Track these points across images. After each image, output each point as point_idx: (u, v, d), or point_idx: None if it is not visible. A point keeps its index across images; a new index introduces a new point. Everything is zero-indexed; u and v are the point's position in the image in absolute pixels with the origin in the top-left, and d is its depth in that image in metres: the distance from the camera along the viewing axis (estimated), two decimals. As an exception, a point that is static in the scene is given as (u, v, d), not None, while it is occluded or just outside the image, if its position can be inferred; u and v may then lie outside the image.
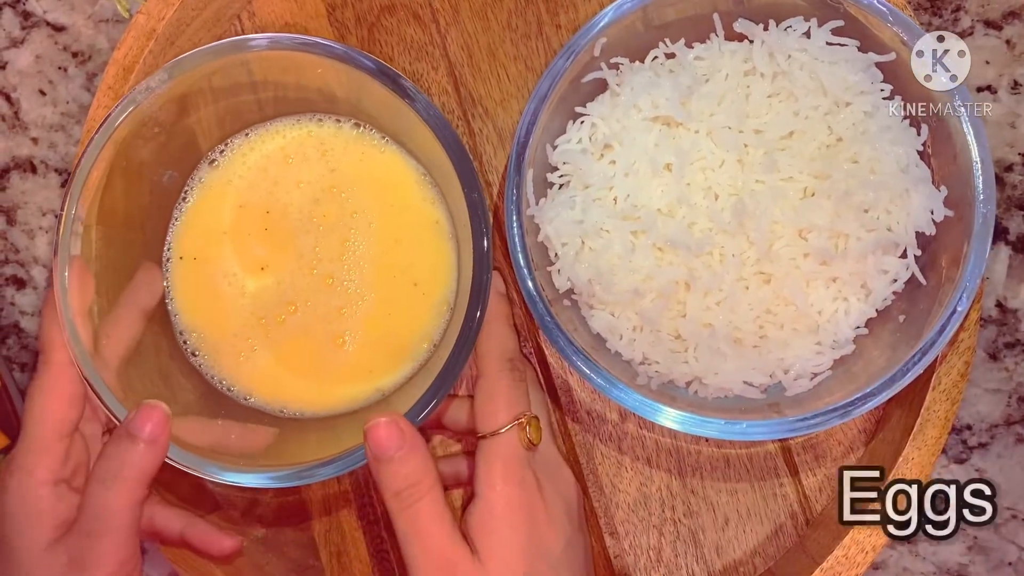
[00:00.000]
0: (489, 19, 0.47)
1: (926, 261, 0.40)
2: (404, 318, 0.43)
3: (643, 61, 0.42)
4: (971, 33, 0.47)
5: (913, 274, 0.40)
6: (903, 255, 0.40)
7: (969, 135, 0.38)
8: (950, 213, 0.39)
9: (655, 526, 0.45)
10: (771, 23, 0.41)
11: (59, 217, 0.39)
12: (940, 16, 0.48)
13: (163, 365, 0.42)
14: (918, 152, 0.40)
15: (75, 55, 0.50)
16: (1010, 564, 0.48)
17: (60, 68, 0.50)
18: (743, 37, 0.41)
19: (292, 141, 0.44)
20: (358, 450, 0.38)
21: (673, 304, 0.40)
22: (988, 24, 0.47)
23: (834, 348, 0.41)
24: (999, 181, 0.47)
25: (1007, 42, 0.47)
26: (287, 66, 0.42)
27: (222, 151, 0.44)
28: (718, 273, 0.40)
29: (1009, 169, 0.48)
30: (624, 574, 0.45)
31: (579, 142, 0.42)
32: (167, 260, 0.44)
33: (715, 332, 0.40)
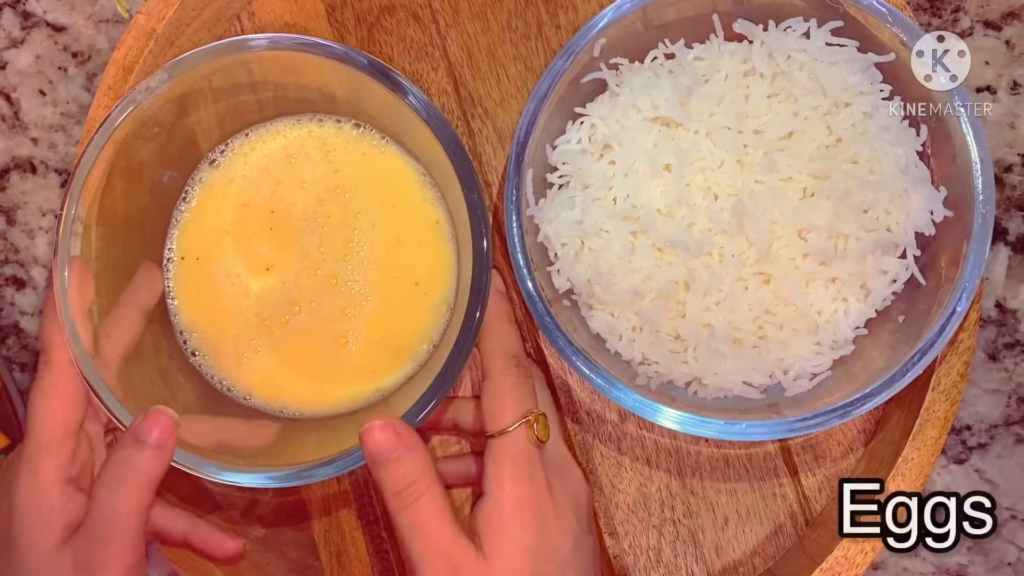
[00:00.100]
0: (489, 20, 0.47)
1: (925, 261, 0.40)
2: (405, 318, 0.43)
3: (643, 61, 0.42)
4: (971, 34, 0.47)
5: (912, 274, 0.40)
6: (902, 255, 0.40)
7: (968, 135, 0.38)
8: (949, 213, 0.39)
9: (655, 526, 0.45)
10: (771, 23, 0.41)
11: (59, 217, 0.39)
12: (940, 16, 0.48)
13: (163, 365, 0.42)
14: (917, 152, 0.40)
15: (75, 55, 0.50)
16: (1009, 564, 0.48)
17: (60, 68, 0.50)
18: (743, 37, 0.41)
19: (294, 141, 0.44)
20: (358, 450, 0.38)
21: (672, 304, 0.41)
22: (987, 25, 0.47)
23: (833, 348, 0.41)
24: (998, 181, 0.47)
25: (1006, 43, 0.47)
26: (287, 66, 0.42)
27: (223, 151, 0.44)
28: (717, 273, 0.40)
29: (1008, 170, 0.48)
30: (624, 574, 0.45)
31: (579, 142, 0.42)
32: (168, 260, 0.44)
33: (714, 332, 0.40)
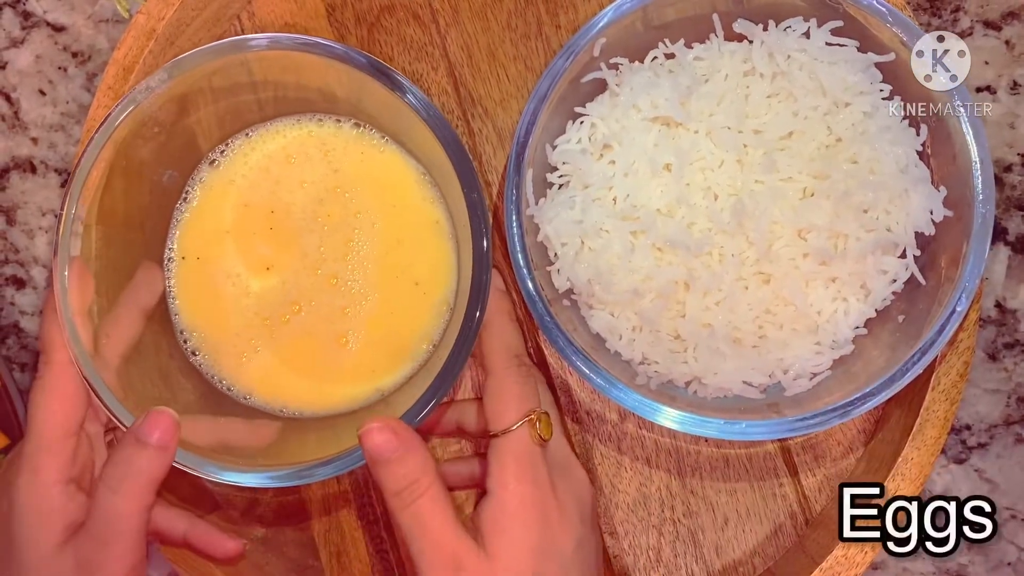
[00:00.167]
0: (489, 19, 0.47)
1: (925, 261, 0.40)
2: (405, 318, 0.43)
3: (643, 61, 0.42)
4: (970, 33, 0.47)
5: (912, 274, 0.40)
6: (902, 255, 0.40)
7: (968, 135, 0.38)
8: (949, 213, 0.39)
9: (654, 526, 0.45)
10: (770, 23, 0.41)
11: (59, 217, 0.39)
12: (940, 16, 0.48)
13: (163, 365, 0.42)
14: (917, 152, 0.40)
15: (75, 55, 0.50)
16: (1009, 564, 0.48)
17: (60, 68, 0.50)
18: (743, 37, 0.41)
19: (293, 141, 0.44)
20: (357, 450, 0.38)
21: (672, 304, 0.40)
22: (987, 24, 0.47)
23: (833, 348, 0.41)
24: (998, 181, 0.47)
25: (1006, 42, 0.47)
26: (287, 66, 0.42)
27: (223, 151, 0.44)
28: (717, 273, 0.40)
29: (1008, 169, 0.48)
30: (624, 574, 0.45)
31: (579, 142, 0.42)
32: (168, 260, 0.44)
33: (714, 332, 0.40)
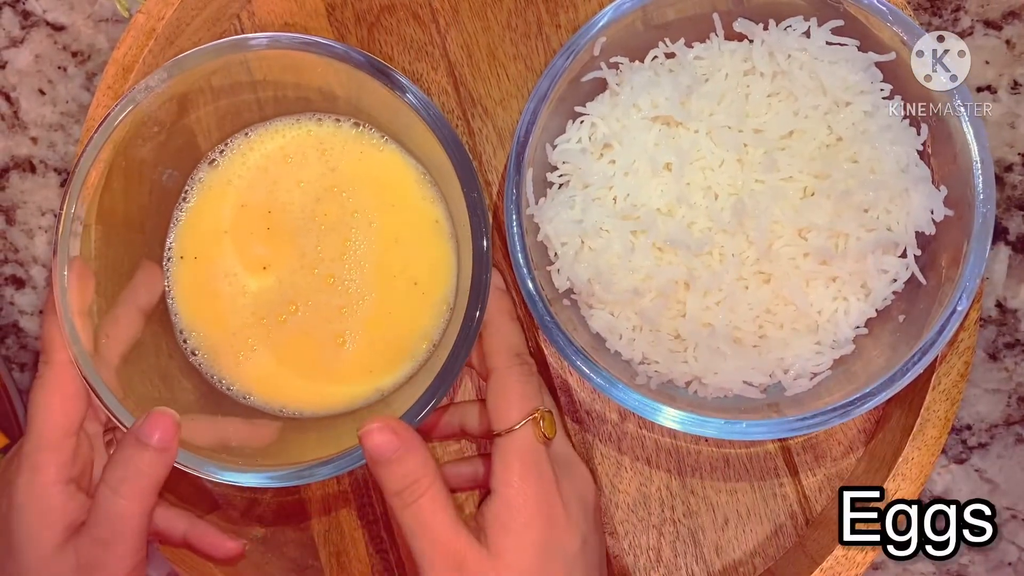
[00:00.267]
0: (489, 19, 0.47)
1: (926, 261, 0.40)
2: (404, 317, 0.43)
3: (643, 61, 0.42)
4: (971, 33, 0.47)
5: (913, 274, 0.40)
6: (903, 255, 0.40)
7: (969, 135, 0.38)
8: (950, 213, 0.39)
9: (655, 526, 0.45)
10: (771, 23, 0.41)
11: (58, 216, 0.39)
12: (940, 16, 0.48)
13: (163, 364, 0.42)
14: (918, 152, 0.40)
15: (75, 55, 0.50)
16: (1010, 564, 0.48)
17: (60, 68, 0.50)
18: (743, 37, 0.41)
19: (292, 141, 0.44)
20: (357, 450, 0.38)
21: (673, 304, 0.40)
22: (988, 24, 0.47)
23: (834, 348, 0.41)
24: (999, 181, 0.47)
25: (1007, 42, 0.47)
26: (287, 65, 0.41)
27: (222, 151, 0.44)
28: (718, 273, 0.40)
29: (1009, 169, 0.48)
30: (624, 574, 0.45)
31: (579, 141, 0.42)
32: (167, 260, 0.43)
33: (715, 332, 0.40)
